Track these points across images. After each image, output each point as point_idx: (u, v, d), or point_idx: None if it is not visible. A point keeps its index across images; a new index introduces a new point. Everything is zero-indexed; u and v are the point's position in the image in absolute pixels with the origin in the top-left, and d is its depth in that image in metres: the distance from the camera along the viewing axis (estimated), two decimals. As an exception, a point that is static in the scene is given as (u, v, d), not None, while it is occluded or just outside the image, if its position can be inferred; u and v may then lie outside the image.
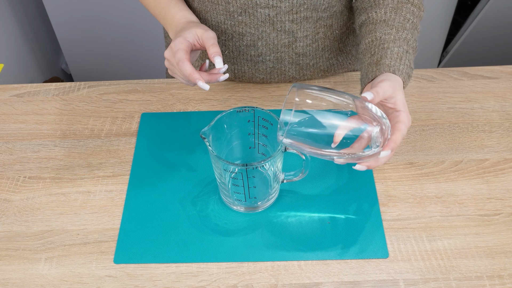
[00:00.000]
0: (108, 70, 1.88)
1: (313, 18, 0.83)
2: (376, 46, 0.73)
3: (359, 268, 0.69)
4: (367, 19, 0.77)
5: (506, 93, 0.90)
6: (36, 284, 0.70)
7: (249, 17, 0.82)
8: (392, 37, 0.73)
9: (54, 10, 1.68)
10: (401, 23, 0.75)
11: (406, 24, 0.75)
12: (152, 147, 0.84)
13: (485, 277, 0.68)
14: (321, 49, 0.89)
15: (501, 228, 0.73)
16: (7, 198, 0.79)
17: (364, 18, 0.78)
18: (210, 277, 0.69)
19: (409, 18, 0.75)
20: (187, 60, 0.71)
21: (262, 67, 0.90)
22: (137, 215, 0.76)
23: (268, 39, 0.85)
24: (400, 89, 0.68)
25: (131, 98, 0.92)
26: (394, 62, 0.70)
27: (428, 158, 0.81)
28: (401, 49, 0.72)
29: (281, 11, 0.80)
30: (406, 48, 0.73)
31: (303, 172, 0.73)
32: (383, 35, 0.73)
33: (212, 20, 0.85)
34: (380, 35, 0.74)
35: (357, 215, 0.74)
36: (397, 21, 0.75)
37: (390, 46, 0.72)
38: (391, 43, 0.72)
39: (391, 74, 0.69)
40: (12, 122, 0.90)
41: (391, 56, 0.71)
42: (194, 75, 0.71)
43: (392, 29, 0.74)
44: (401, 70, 0.70)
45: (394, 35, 0.73)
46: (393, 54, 0.71)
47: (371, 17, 0.77)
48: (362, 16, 0.79)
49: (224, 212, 0.75)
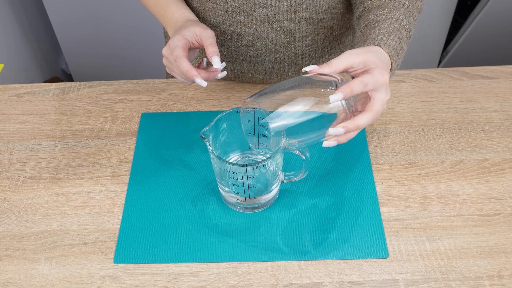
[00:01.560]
0: (108, 70, 1.88)
1: (314, 19, 0.83)
2: (369, 28, 0.71)
3: (359, 268, 0.69)
4: (364, 9, 0.76)
5: (506, 93, 0.90)
6: (36, 284, 0.70)
7: (248, 17, 0.82)
8: (383, 17, 0.70)
9: (54, 10, 1.68)
10: (394, 6, 0.72)
11: (400, 7, 0.72)
12: (152, 147, 0.84)
13: (485, 277, 0.68)
14: (321, 49, 0.89)
15: (501, 228, 0.73)
16: (7, 198, 0.79)
17: (361, 9, 0.77)
18: (210, 277, 0.69)
19: (403, 3, 0.73)
20: (184, 57, 0.71)
21: (261, 67, 0.90)
22: (137, 215, 0.76)
23: (267, 39, 0.85)
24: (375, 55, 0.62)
25: (131, 98, 0.92)
26: (382, 36, 0.66)
27: (428, 158, 0.81)
28: (391, 26, 0.68)
29: (279, 10, 0.80)
30: (397, 27, 0.69)
31: (303, 172, 0.73)
32: (375, 17, 0.71)
33: (211, 20, 0.85)
34: (372, 18, 0.72)
35: (357, 215, 0.74)
36: (390, 4, 0.73)
37: (380, 24, 0.69)
38: (381, 22, 0.69)
39: (375, 46, 0.65)
40: (12, 122, 0.90)
41: (379, 32, 0.67)
42: (191, 71, 0.70)
43: (384, 9, 0.72)
44: (388, 45, 0.66)
45: (386, 15, 0.71)
46: (381, 30, 0.68)
47: (366, 6, 0.76)
48: (359, 8, 0.78)
49: (224, 212, 0.76)
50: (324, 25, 0.85)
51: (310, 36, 0.86)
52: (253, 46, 0.86)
